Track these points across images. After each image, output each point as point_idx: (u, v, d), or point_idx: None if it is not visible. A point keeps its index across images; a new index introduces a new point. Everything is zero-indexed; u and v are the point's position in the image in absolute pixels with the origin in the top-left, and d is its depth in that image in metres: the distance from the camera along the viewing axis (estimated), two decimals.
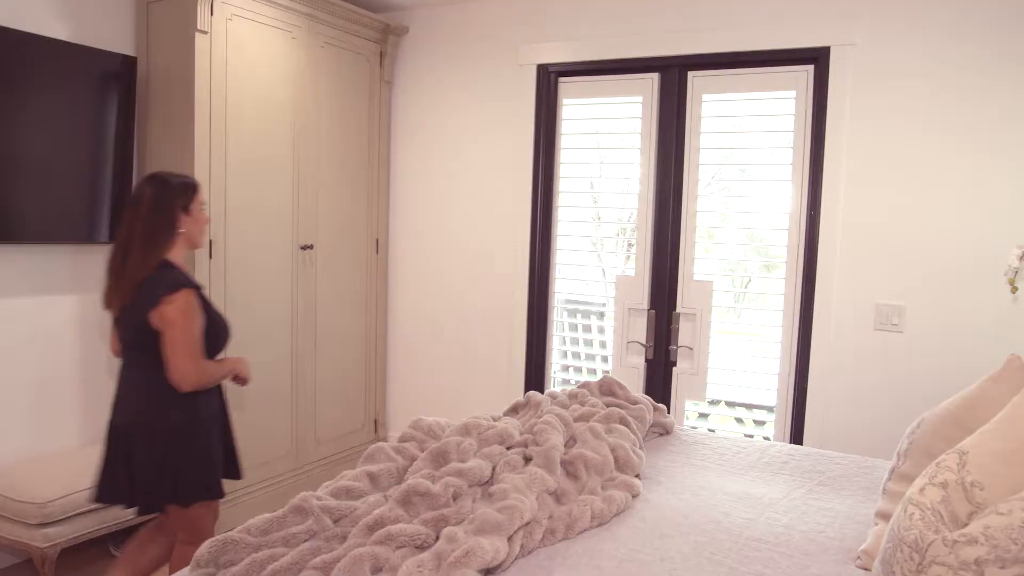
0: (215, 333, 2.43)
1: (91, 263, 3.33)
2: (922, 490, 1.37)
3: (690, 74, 3.69)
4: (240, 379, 2.63)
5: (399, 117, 4.44)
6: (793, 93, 3.49)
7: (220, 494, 2.45)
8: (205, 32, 3.21)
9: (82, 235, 3.19)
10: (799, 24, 3.41)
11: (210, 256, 3.35)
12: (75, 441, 3.34)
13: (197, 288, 2.34)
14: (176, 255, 2.38)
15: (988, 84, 3.09)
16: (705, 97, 3.67)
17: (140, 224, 2.29)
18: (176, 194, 2.36)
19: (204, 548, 1.71)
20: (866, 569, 1.73)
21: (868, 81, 3.30)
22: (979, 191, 3.13)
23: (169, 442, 2.31)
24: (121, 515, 3.01)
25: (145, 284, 2.27)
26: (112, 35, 3.31)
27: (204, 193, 2.59)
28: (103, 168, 3.20)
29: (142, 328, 2.27)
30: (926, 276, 3.24)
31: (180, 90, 3.26)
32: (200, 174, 3.26)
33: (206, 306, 2.40)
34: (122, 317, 2.34)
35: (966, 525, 1.28)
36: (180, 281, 2.28)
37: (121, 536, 3.28)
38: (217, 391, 2.53)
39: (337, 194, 4.06)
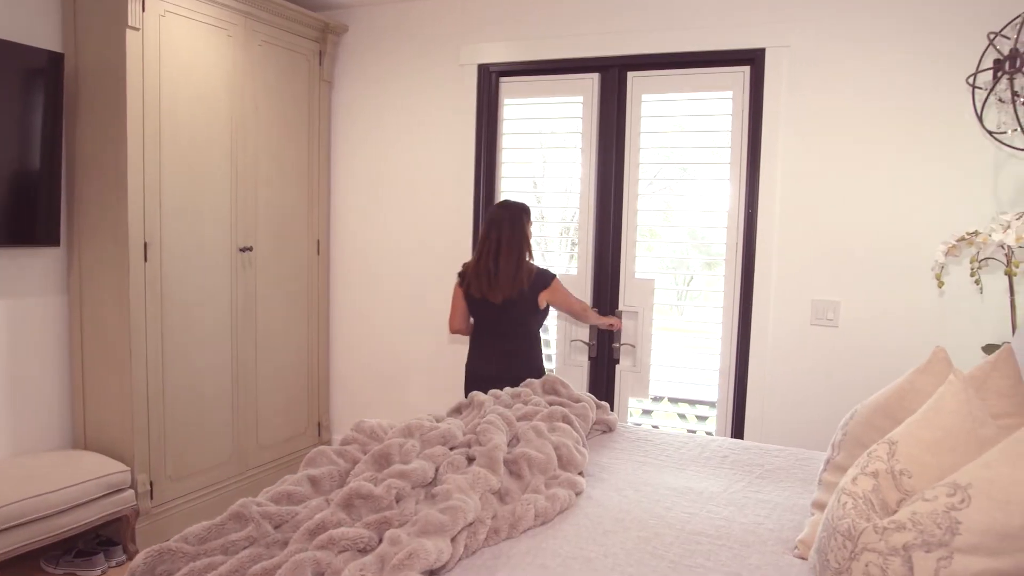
0: None
1: (17, 267, 3.21)
2: (854, 480, 1.40)
3: (629, 74, 3.73)
4: (615, 326, 3.62)
5: (339, 117, 4.39)
6: (730, 93, 3.56)
7: None
8: (137, 28, 3.12)
9: (7, 238, 3.06)
10: (736, 26, 3.47)
11: (145, 259, 3.26)
12: (2, 452, 3.21)
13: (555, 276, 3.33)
14: None
15: (914, 88, 3.19)
16: (644, 97, 3.72)
17: (506, 239, 3.20)
18: (523, 214, 3.27)
19: (139, 559, 1.66)
20: (803, 558, 1.77)
21: (802, 82, 3.38)
22: (908, 190, 3.23)
23: None
24: (51, 528, 2.91)
25: (530, 279, 3.21)
26: (37, 30, 3.18)
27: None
28: (29, 169, 3.09)
29: (530, 309, 3.25)
30: (860, 272, 3.34)
31: (111, 88, 3.17)
32: (133, 174, 3.17)
33: None
34: (501, 305, 3.21)
35: (896, 512, 1.31)
36: (549, 274, 3.29)
37: (50, 550, 3.17)
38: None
39: (277, 195, 3.99)
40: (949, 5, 3.11)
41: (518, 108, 4.00)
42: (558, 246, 4.05)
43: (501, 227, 3.23)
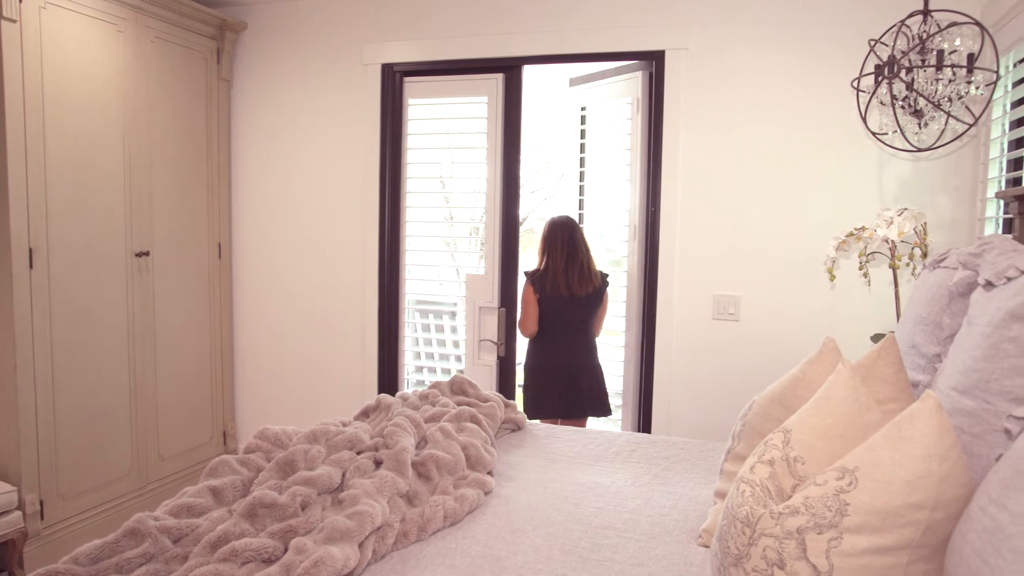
0: None
1: None
2: (752, 468, 1.44)
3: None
4: None
5: (240, 117, 4.27)
6: (630, 99, 3.63)
7: None
8: (13, 20, 2.95)
9: None
10: (637, 28, 3.54)
11: (31, 265, 3.09)
12: None
13: None
14: None
15: (805, 90, 3.33)
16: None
17: (584, 245, 3.65)
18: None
19: None
20: (707, 546, 1.82)
21: (701, 84, 3.48)
22: (801, 188, 3.37)
23: (601, 375, 3.73)
24: None
25: (601, 275, 3.69)
26: None
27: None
28: None
29: (595, 307, 3.69)
30: (758, 267, 3.46)
31: None
32: (15, 175, 3.00)
33: None
34: (585, 299, 3.63)
35: (791, 497, 1.36)
36: (606, 277, 3.73)
37: None
38: None
39: (174, 197, 3.85)
40: (835, 13, 3.26)
41: (423, 108, 3.98)
42: (467, 246, 4.05)
43: (578, 231, 3.68)
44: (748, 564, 1.28)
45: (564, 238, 3.65)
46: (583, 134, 4.01)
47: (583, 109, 3.99)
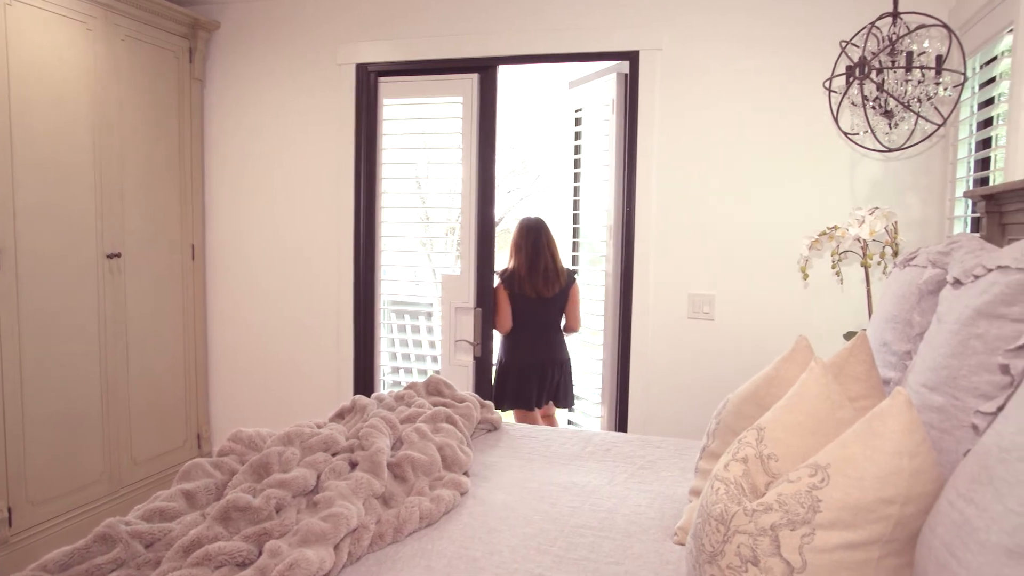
0: None
1: None
2: (726, 466, 1.45)
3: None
4: None
5: (213, 117, 4.23)
6: (608, 100, 3.64)
7: None
8: None
9: None
10: (611, 29, 3.55)
11: None
12: None
13: None
14: None
15: (778, 91, 3.36)
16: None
17: (550, 245, 3.90)
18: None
19: None
20: (682, 544, 1.83)
21: (675, 84, 3.49)
22: (775, 187, 3.40)
23: (567, 370, 4.03)
24: None
25: (567, 274, 3.94)
26: None
27: None
28: None
29: (562, 305, 3.93)
30: (732, 267, 3.48)
31: None
32: None
33: None
34: (552, 299, 3.89)
35: (764, 494, 1.37)
36: (573, 271, 4.02)
37: None
38: None
39: (146, 198, 3.80)
40: (808, 14, 3.29)
41: (398, 108, 3.96)
42: (443, 246, 4.04)
43: (543, 233, 3.90)
44: (723, 561, 1.28)
45: (530, 241, 3.90)
46: (577, 135, 4.02)
47: (578, 111, 4.01)
